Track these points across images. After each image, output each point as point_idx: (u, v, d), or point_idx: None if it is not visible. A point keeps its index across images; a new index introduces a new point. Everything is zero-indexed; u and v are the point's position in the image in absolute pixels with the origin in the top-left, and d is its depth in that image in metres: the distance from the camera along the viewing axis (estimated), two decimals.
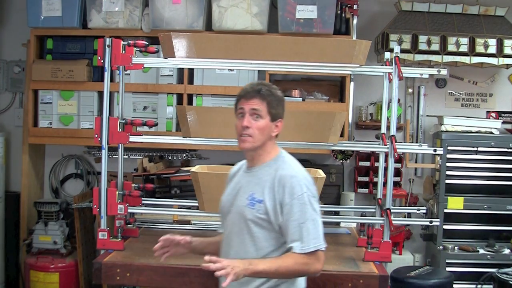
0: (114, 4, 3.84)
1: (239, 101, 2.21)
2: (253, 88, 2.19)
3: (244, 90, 2.21)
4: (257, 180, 2.20)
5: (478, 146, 3.91)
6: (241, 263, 2.00)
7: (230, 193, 2.28)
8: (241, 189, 2.23)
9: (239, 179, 2.29)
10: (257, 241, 2.14)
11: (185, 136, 2.95)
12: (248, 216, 2.15)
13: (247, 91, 2.19)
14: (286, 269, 2.08)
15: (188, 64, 3.07)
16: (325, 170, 3.31)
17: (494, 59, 3.88)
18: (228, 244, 2.21)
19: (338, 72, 3.66)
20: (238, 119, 2.20)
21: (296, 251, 2.08)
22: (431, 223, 3.00)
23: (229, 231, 2.23)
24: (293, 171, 2.23)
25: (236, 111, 2.22)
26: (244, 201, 2.17)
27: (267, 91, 2.18)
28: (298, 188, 2.15)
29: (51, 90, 3.95)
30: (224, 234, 2.27)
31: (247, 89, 2.21)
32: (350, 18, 3.84)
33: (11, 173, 4.40)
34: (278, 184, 2.15)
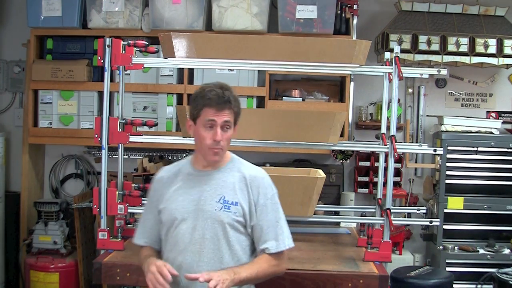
0: (114, 4, 3.84)
1: (207, 110, 2.07)
2: (221, 98, 2.06)
3: (213, 100, 2.06)
4: (222, 183, 2.14)
5: (478, 146, 3.91)
6: (227, 274, 1.98)
7: (188, 198, 2.12)
8: (205, 194, 2.12)
9: (194, 184, 2.14)
10: (233, 247, 2.11)
11: (185, 136, 2.94)
12: (225, 220, 2.09)
13: (217, 102, 2.06)
14: (263, 273, 2.11)
15: (188, 64, 3.07)
16: (325, 170, 3.31)
17: (494, 59, 3.88)
18: (198, 252, 2.08)
19: (338, 72, 3.66)
20: (205, 131, 2.08)
21: (271, 251, 2.12)
22: (431, 223, 3.00)
23: (191, 239, 2.10)
24: (259, 171, 2.25)
25: (201, 120, 2.08)
26: (216, 205, 2.11)
27: (233, 99, 2.11)
28: (269, 189, 2.20)
29: (51, 90, 3.96)
30: (181, 242, 2.10)
31: (216, 99, 2.06)
32: (350, 18, 3.84)
33: (11, 173, 4.40)
34: (250, 185, 2.16)
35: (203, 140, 2.09)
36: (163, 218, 2.16)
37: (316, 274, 2.62)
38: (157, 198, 2.20)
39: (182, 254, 2.10)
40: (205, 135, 2.09)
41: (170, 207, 2.13)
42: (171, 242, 2.14)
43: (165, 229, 2.16)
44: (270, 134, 2.90)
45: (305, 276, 2.61)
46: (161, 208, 2.16)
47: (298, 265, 2.71)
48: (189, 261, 2.09)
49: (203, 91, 2.10)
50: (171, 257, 2.13)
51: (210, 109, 2.07)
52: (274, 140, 2.91)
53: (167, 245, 2.16)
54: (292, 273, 2.62)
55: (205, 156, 2.13)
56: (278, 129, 2.89)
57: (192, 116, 2.13)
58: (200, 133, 2.10)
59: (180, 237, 2.11)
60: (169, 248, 2.15)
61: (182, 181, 2.17)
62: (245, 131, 2.90)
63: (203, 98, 2.08)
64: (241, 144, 2.98)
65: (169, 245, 2.15)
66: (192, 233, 2.10)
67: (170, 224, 2.13)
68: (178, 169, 2.22)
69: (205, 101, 2.07)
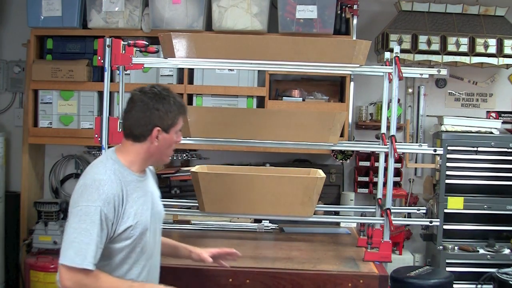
0: (114, 4, 3.84)
1: (182, 118, 2.15)
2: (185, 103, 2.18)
3: (185, 108, 2.16)
4: (152, 182, 2.23)
5: (478, 146, 3.91)
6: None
7: (146, 206, 2.09)
8: (153, 196, 2.17)
9: (143, 190, 2.10)
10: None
11: (185, 136, 2.95)
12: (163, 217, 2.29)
13: (186, 108, 2.18)
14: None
15: (188, 64, 3.07)
16: (325, 170, 3.31)
17: (494, 59, 3.88)
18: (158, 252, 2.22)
19: (338, 72, 3.66)
20: (177, 136, 2.13)
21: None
22: (431, 223, 3.00)
23: (154, 242, 2.16)
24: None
25: (176, 127, 2.11)
26: (161, 206, 2.26)
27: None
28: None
29: (51, 90, 3.95)
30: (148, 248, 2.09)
31: (185, 105, 2.18)
32: (350, 18, 3.84)
33: (11, 173, 4.40)
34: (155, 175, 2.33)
35: (172, 145, 2.13)
36: (135, 233, 2.02)
37: (316, 274, 2.62)
38: (114, 216, 1.97)
39: (149, 260, 2.13)
40: (175, 140, 2.13)
41: (142, 220, 2.04)
42: (137, 253, 2.06)
43: (133, 243, 2.03)
44: (270, 134, 2.90)
45: (305, 276, 2.61)
46: (132, 224, 2.00)
47: (298, 265, 2.71)
48: (155, 263, 2.19)
49: (175, 98, 2.12)
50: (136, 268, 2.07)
51: (184, 116, 2.17)
52: (274, 140, 2.91)
53: (130, 258, 2.05)
54: (292, 273, 2.63)
55: (164, 160, 2.18)
56: (278, 129, 2.89)
57: (166, 126, 2.07)
58: (172, 139, 2.11)
59: (147, 244, 2.09)
60: (134, 260, 2.06)
61: (133, 190, 2.05)
62: (245, 131, 2.91)
63: (178, 107, 2.11)
64: (241, 144, 2.99)
65: (135, 257, 2.05)
66: (154, 237, 2.15)
67: (140, 236, 2.04)
68: (119, 180, 2.01)
69: (180, 109, 2.12)
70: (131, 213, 2.01)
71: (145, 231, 2.06)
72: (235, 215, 3.27)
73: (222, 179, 2.82)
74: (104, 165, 2.03)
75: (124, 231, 1.99)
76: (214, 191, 2.82)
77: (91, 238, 1.89)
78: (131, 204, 2.02)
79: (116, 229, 1.98)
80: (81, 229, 1.90)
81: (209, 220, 3.46)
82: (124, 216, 1.99)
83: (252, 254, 2.91)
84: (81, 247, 1.88)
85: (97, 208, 1.91)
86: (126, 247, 2.02)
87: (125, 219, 1.99)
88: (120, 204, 1.98)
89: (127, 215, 2.00)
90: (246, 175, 2.84)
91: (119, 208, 1.97)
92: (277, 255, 2.93)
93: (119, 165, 2.05)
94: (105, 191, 1.94)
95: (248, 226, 3.47)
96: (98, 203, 1.92)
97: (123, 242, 2.00)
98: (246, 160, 4.07)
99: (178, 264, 2.61)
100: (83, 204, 1.93)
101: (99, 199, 1.92)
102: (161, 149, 2.10)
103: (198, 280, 2.63)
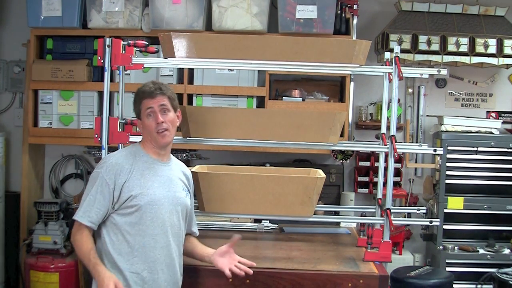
0: (114, 4, 3.84)
1: (144, 102, 2.37)
2: (152, 88, 2.38)
3: (146, 92, 2.38)
4: (177, 173, 2.47)
5: (478, 146, 3.91)
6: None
7: (162, 186, 2.35)
8: (172, 182, 2.41)
9: (159, 171, 2.38)
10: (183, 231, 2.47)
11: (185, 136, 2.95)
12: (189, 205, 2.47)
13: (150, 92, 2.37)
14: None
15: (188, 64, 3.07)
16: (325, 170, 3.31)
17: (494, 59, 3.88)
18: (175, 236, 2.37)
19: (338, 72, 3.65)
20: (148, 119, 2.37)
21: (197, 235, 2.62)
22: (431, 223, 3.00)
23: (171, 222, 2.36)
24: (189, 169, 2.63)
25: (143, 112, 2.38)
26: (183, 193, 2.44)
27: (164, 87, 2.42)
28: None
29: (51, 90, 3.95)
30: (161, 223, 2.32)
31: (148, 90, 2.38)
32: (350, 18, 3.84)
33: (11, 173, 4.40)
34: (188, 180, 2.55)
35: (149, 127, 2.36)
36: (139, 202, 2.27)
37: (316, 274, 2.62)
38: (116, 182, 2.28)
39: (164, 236, 2.32)
40: (149, 123, 2.36)
41: (149, 192, 2.30)
42: (147, 224, 2.29)
43: (140, 212, 2.28)
44: (270, 134, 2.90)
45: (305, 276, 2.61)
46: (133, 194, 2.27)
47: (298, 265, 2.71)
48: (173, 243, 2.36)
49: (139, 90, 2.42)
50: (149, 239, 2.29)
51: (147, 99, 2.37)
52: (274, 140, 2.91)
53: (133, 228, 2.28)
54: (292, 273, 2.63)
55: (156, 142, 2.38)
56: (278, 129, 2.89)
57: (137, 115, 2.42)
58: (145, 123, 2.37)
59: (159, 218, 2.31)
60: (144, 230, 2.28)
61: (144, 168, 2.35)
62: (245, 131, 2.91)
63: (140, 95, 2.40)
64: (241, 144, 2.99)
65: (145, 227, 2.28)
66: (170, 216, 2.35)
67: (149, 207, 2.29)
68: (132, 156, 2.36)
69: (141, 95, 2.39)
70: (136, 184, 2.29)
71: (154, 204, 2.29)
72: (235, 215, 3.27)
73: (222, 179, 2.82)
74: (124, 148, 2.53)
75: (128, 198, 2.27)
76: (214, 191, 2.82)
77: (95, 199, 2.26)
78: (138, 177, 2.30)
79: (121, 195, 2.27)
80: (88, 191, 2.29)
81: (209, 220, 3.46)
82: (128, 185, 2.27)
83: (252, 254, 2.91)
84: (86, 205, 2.26)
85: (98, 174, 2.29)
86: (133, 215, 2.27)
87: (130, 188, 2.27)
88: (123, 173, 2.28)
89: (131, 185, 2.28)
90: (246, 175, 2.84)
91: (120, 177, 2.28)
92: (277, 255, 2.93)
93: (136, 148, 2.43)
94: (109, 161, 2.33)
95: (248, 226, 3.47)
96: (100, 169, 2.30)
97: (129, 209, 2.27)
98: (246, 160, 4.07)
99: None
100: (94, 171, 2.34)
101: (103, 167, 2.30)
102: (147, 133, 2.40)
103: (198, 280, 2.63)
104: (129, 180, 2.29)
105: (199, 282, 2.63)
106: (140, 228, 2.28)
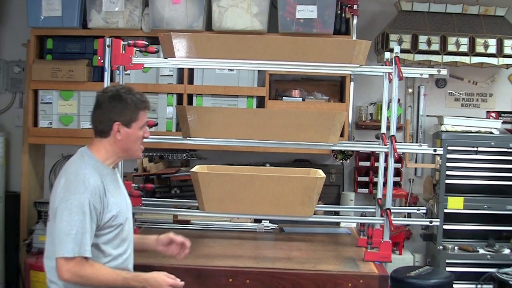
0: (114, 4, 3.84)
1: (143, 113, 2.28)
2: (146, 99, 2.30)
3: (146, 103, 2.30)
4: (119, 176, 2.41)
5: (478, 146, 3.91)
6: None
7: (124, 198, 2.33)
8: (124, 189, 2.38)
9: (117, 182, 2.31)
10: None
11: (185, 136, 2.95)
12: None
13: (148, 104, 2.31)
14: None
15: (188, 64, 3.07)
16: (325, 170, 3.31)
17: (494, 59, 3.88)
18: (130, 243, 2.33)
19: (338, 72, 3.66)
20: (140, 131, 2.28)
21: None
22: (431, 223, 3.00)
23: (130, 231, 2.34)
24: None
25: (138, 122, 2.26)
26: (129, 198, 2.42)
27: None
28: None
29: (51, 90, 3.95)
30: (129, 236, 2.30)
31: (147, 101, 2.30)
32: (350, 18, 3.84)
33: (11, 173, 4.40)
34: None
35: (138, 140, 2.28)
36: (118, 221, 2.20)
37: (316, 274, 2.62)
38: (101, 206, 2.14)
39: (129, 248, 2.30)
40: (140, 136, 2.28)
41: (122, 209, 2.24)
42: (119, 239, 2.23)
43: (117, 231, 2.21)
44: (270, 134, 2.90)
45: (305, 276, 2.62)
46: (115, 214, 2.18)
47: (298, 265, 2.72)
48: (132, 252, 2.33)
49: (134, 95, 2.25)
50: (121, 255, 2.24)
51: (145, 112, 2.29)
52: (274, 140, 2.92)
53: (113, 244, 2.20)
54: (292, 273, 2.63)
55: (135, 154, 2.33)
56: (278, 129, 2.89)
57: (125, 121, 2.23)
58: (137, 134, 2.27)
59: (128, 233, 2.29)
60: (116, 245, 2.22)
61: (110, 182, 2.24)
62: (245, 131, 2.91)
63: (136, 103, 2.25)
64: (241, 144, 2.99)
65: (117, 243, 2.22)
66: (129, 226, 2.31)
67: (123, 225, 2.24)
68: (98, 172, 2.19)
69: (141, 104, 2.27)
70: (113, 202, 2.19)
71: (125, 220, 2.25)
72: (235, 215, 3.28)
73: (222, 179, 2.82)
74: (82, 161, 2.21)
75: (109, 220, 2.16)
76: (214, 191, 2.82)
77: (85, 228, 2.06)
78: (112, 194, 2.20)
79: (103, 218, 2.15)
80: (75, 221, 2.05)
81: (209, 220, 3.46)
82: (108, 206, 2.16)
83: (252, 254, 2.91)
84: (78, 237, 2.04)
85: (86, 200, 2.08)
86: (111, 234, 2.18)
87: (109, 208, 2.16)
88: (103, 194, 2.15)
89: (110, 205, 2.17)
90: (246, 175, 2.84)
91: (103, 199, 2.15)
92: (277, 255, 2.94)
93: (95, 160, 2.22)
94: (91, 183, 2.11)
95: (248, 226, 3.47)
96: (86, 194, 2.08)
97: (108, 230, 2.17)
98: (246, 160, 4.07)
99: (178, 264, 2.62)
100: (72, 198, 2.07)
101: (86, 191, 2.09)
102: (127, 143, 2.26)
103: (198, 280, 2.63)
104: (108, 200, 2.17)
105: (199, 282, 2.63)
106: (116, 246, 2.21)
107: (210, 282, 2.62)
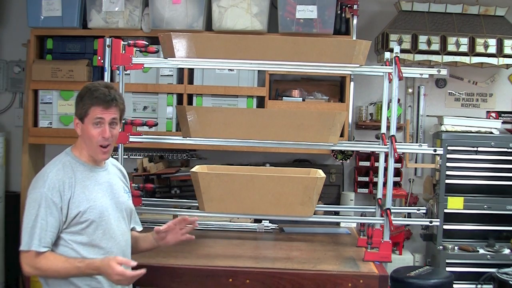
0: (114, 4, 3.84)
1: (95, 109, 2.17)
2: (108, 96, 2.18)
3: (100, 98, 2.17)
4: (115, 174, 2.38)
5: (478, 146, 3.91)
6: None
7: (106, 195, 2.25)
8: (113, 187, 2.31)
9: (98, 178, 2.25)
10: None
11: (185, 136, 2.95)
12: (132, 207, 2.41)
13: (105, 100, 2.17)
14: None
15: (188, 64, 3.07)
16: (325, 170, 3.31)
17: (494, 59, 3.88)
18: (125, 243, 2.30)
19: (338, 72, 3.66)
20: (93, 128, 2.19)
21: (139, 230, 2.49)
22: (431, 223, 3.01)
23: (121, 230, 2.28)
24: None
25: (89, 118, 2.18)
26: (125, 196, 2.37)
27: (119, 97, 2.24)
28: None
29: (51, 90, 3.95)
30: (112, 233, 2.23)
31: (103, 97, 2.17)
32: (350, 18, 3.84)
33: (11, 173, 4.40)
34: (125, 175, 2.47)
35: (93, 138, 2.20)
36: (89, 216, 2.15)
37: (316, 274, 2.62)
38: (62, 199, 2.12)
39: (116, 246, 2.23)
40: (94, 133, 2.19)
41: (96, 205, 2.18)
42: (99, 237, 2.19)
43: (91, 226, 2.16)
44: (270, 134, 2.90)
45: (305, 276, 2.62)
46: (82, 210, 2.14)
47: (298, 265, 2.72)
48: (123, 250, 2.28)
49: (89, 90, 2.20)
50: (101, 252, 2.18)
51: (98, 107, 2.17)
52: (274, 140, 2.92)
53: (93, 241, 2.17)
54: (292, 273, 2.63)
55: (95, 155, 2.24)
56: (278, 129, 2.89)
57: (79, 115, 2.21)
58: (89, 131, 2.19)
59: (110, 229, 2.22)
60: (97, 244, 2.18)
61: (85, 178, 2.21)
62: (245, 131, 2.91)
63: (90, 97, 2.18)
64: (241, 144, 2.99)
65: (98, 240, 2.18)
66: (119, 224, 2.27)
67: (100, 220, 2.18)
68: (70, 168, 2.19)
69: (92, 100, 2.18)
70: (82, 198, 2.16)
71: (104, 216, 2.20)
72: (235, 215, 3.28)
73: (222, 179, 2.82)
74: (57, 158, 2.25)
75: (77, 215, 2.14)
76: (214, 191, 2.82)
77: (38, 222, 2.07)
78: (82, 190, 2.17)
79: (68, 213, 2.13)
80: (31, 215, 2.09)
81: (209, 220, 3.46)
82: (74, 201, 2.14)
83: (252, 254, 2.91)
84: (31, 231, 2.07)
85: (42, 194, 2.10)
86: (84, 230, 2.16)
87: (76, 203, 2.14)
88: (67, 189, 2.13)
89: (78, 200, 2.15)
90: (246, 175, 2.84)
91: (65, 193, 2.12)
92: (277, 255, 2.94)
93: (71, 156, 2.24)
94: (50, 177, 2.13)
95: (248, 226, 3.47)
96: (42, 189, 2.10)
97: (79, 226, 2.14)
98: (246, 160, 4.07)
99: (178, 264, 2.62)
100: (32, 192, 2.13)
101: (44, 185, 2.11)
102: (85, 139, 2.22)
103: (198, 280, 2.63)
104: (74, 195, 2.14)
105: (199, 282, 2.63)
106: (93, 245, 2.17)
107: (210, 282, 2.62)
